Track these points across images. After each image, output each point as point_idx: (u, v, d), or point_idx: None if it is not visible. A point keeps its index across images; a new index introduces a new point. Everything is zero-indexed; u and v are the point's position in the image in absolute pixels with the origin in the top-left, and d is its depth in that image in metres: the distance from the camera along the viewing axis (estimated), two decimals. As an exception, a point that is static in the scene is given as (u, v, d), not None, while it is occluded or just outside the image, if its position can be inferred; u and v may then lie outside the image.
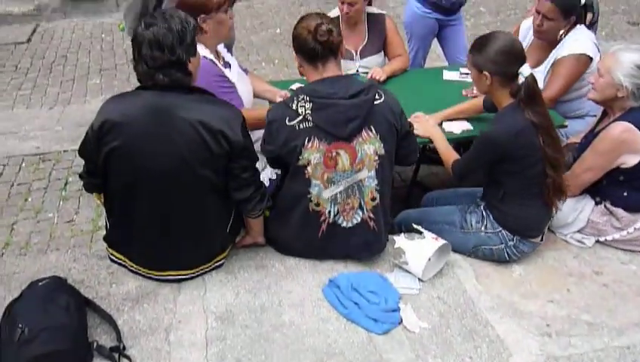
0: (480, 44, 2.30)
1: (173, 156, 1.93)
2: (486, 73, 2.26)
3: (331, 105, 2.07)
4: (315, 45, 2.08)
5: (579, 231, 2.53)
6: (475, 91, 3.07)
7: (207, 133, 1.91)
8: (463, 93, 3.10)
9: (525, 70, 2.24)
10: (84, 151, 2.03)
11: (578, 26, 2.89)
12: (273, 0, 7.03)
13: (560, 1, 2.78)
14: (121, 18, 3.80)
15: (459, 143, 2.89)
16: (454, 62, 3.93)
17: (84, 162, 2.09)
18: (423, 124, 2.66)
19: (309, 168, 2.12)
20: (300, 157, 2.10)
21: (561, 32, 2.84)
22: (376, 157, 2.16)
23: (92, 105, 4.69)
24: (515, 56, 2.25)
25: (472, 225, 2.41)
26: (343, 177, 2.15)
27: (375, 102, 2.13)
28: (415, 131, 2.61)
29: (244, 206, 2.12)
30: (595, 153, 2.41)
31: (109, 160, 1.95)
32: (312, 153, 2.10)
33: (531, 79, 2.22)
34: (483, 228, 2.39)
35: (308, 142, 2.09)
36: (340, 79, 2.15)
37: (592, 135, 2.50)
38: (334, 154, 2.11)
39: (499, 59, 2.23)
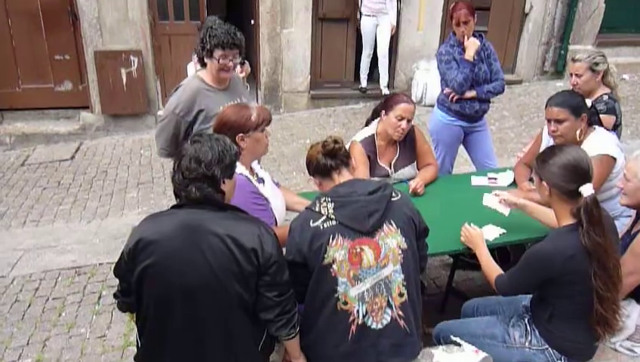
0: (546, 153, 2.28)
1: (204, 271, 1.94)
2: (544, 184, 2.23)
3: (352, 201, 2.14)
4: (325, 160, 2.27)
5: (628, 339, 2.40)
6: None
7: (237, 249, 1.93)
8: (493, 196, 3.11)
9: (586, 190, 2.14)
10: (119, 270, 2.06)
11: (597, 128, 2.93)
12: (303, 113, 7.37)
13: (565, 102, 2.85)
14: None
15: (492, 249, 2.85)
16: (482, 167, 3.98)
17: (118, 281, 2.13)
18: (473, 235, 2.61)
19: (334, 266, 2.11)
20: (325, 256, 2.11)
21: (578, 131, 2.85)
22: (400, 251, 2.16)
23: (128, 218, 4.84)
24: (577, 173, 2.16)
25: (515, 340, 2.31)
26: (369, 274, 2.13)
27: (392, 199, 2.20)
28: (462, 239, 2.62)
29: (269, 327, 2.09)
30: (634, 256, 2.34)
31: (143, 278, 1.97)
32: (337, 250, 2.11)
33: (591, 201, 2.12)
34: (527, 344, 2.29)
35: (332, 239, 2.11)
36: (357, 181, 2.28)
37: (628, 237, 2.45)
38: (358, 250, 2.12)
39: (559, 173, 2.18)
